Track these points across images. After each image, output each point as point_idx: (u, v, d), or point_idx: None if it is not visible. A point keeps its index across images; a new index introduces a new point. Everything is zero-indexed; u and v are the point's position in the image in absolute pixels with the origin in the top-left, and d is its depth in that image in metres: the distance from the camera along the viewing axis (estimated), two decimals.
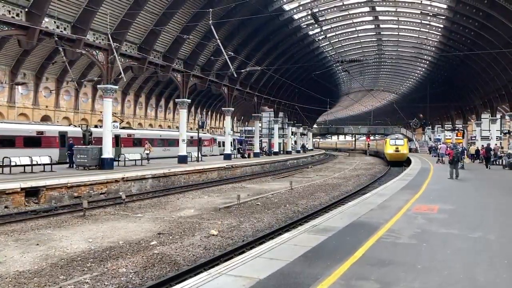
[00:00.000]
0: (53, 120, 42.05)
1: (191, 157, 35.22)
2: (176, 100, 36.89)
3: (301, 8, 38.78)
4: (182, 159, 32.52)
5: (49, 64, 39.15)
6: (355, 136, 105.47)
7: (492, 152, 34.92)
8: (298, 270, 5.95)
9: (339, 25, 46.43)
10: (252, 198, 20.00)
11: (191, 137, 43.18)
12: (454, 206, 11.93)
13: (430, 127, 76.21)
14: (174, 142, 39.19)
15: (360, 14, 43.74)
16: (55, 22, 23.24)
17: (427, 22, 42.05)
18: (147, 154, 31.14)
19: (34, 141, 27.77)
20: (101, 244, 11.47)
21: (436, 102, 59.92)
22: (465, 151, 26.02)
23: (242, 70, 33.11)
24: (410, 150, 56.95)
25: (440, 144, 49.94)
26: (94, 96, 48.13)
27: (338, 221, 9.57)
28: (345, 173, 37.15)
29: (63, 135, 29.86)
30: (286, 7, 38.11)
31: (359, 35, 50.83)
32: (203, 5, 29.67)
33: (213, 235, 12.53)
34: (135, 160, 29.41)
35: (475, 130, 53.62)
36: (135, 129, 41.61)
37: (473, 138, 54.60)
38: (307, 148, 76.31)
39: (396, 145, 44.28)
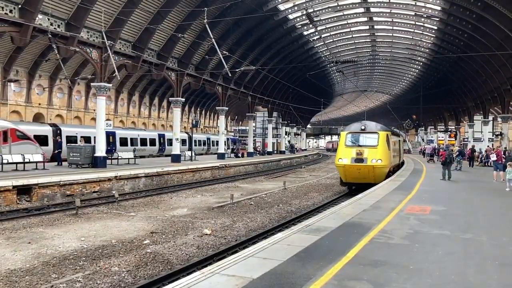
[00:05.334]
0: (46, 118, 41.76)
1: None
2: (170, 99, 36.81)
3: (296, 8, 38.81)
4: (176, 158, 32.49)
5: (42, 61, 38.88)
6: None
7: (484, 154, 35.40)
8: (291, 270, 5.96)
9: (333, 26, 46.52)
10: (246, 198, 20.01)
11: None
12: (446, 207, 12.00)
13: (423, 128, 76.62)
14: None
15: (355, 15, 43.85)
16: (48, 19, 23.09)
17: (421, 24, 42.26)
18: None
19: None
20: (93, 242, 11.43)
21: (429, 104, 60.28)
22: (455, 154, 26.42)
23: (237, 70, 33.07)
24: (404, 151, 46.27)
25: (427, 145, 51.07)
26: (87, 94, 47.83)
27: (331, 221, 9.60)
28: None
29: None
30: (281, 7, 38.14)
31: (354, 36, 50.96)
32: (198, 4, 29.62)
33: (206, 234, 12.54)
34: (128, 158, 29.35)
35: (467, 132, 53.97)
36: None
37: (465, 140, 54.95)
38: (296, 148, 72.00)
39: (358, 146, 20.86)
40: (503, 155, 22.38)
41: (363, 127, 21.40)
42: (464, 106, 54.22)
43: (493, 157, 21.52)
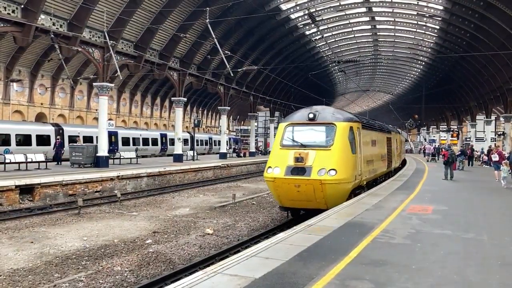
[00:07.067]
0: (48, 118, 41.84)
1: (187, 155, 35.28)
2: (172, 98, 36.87)
3: (298, 8, 38.79)
4: (178, 158, 32.53)
5: (45, 61, 38.95)
6: None
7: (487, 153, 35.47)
8: (293, 269, 5.97)
9: (335, 25, 46.48)
10: (248, 197, 20.04)
11: None
12: (448, 207, 11.99)
13: (425, 128, 76.51)
14: None
15: (357, 15, 43.82)
16: (51, 19, 23.17)
17: (423, 23, 42.20)
18: None
19: None
20: (96, 242, 11.46)
21: (432, 103, 60.19)
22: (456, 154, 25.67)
23: (239, 70, 33.09)
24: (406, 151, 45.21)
25: (427, 144, 51.43)
26: (89, 94, 47.92)
27: (333, 221, 9.60)
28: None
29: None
30: (283, 7, 38.12)
31: (356, 35, 50.91)
32: (200, 3, 29.66)
33: (208, 234, 12.56)
34: (131, 158, 29.41)
35: (469, 132, 53.91)
36: None
37: (467, 139, 54.93)
38: None
39: (301, 147, 12.97)
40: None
41: (311, 116, 13.45)
42: (466, 106, 54.13)
43: (495, 158, 21.41)
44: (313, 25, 41.06)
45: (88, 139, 32.71)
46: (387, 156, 21.27)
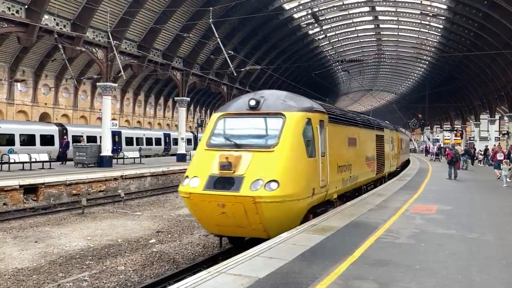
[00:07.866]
0: (52, 118, 41.98)
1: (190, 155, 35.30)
2: (175, 98, 36.97)
3: (301, 7, 38.81)
4: (181, 158, 32.57)
5: (49, 61, 39.08)
6: None
7: (491, 153, 35.48)
8: (297, 269, 5.96)
9: (339, 25, 46.47)
10: None
11: None
12: (452, 206, 11.95)
13: (428, 127, 76.32)
14: None
15: (360, 14, 43.80)
16: (55, 19, 23.26)
17: (427, 23, 42.13)
18: None
19: None
20: (99, 242, 11.49)
21: (435, 102, 60.00)
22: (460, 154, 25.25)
23: (242, 69, 33.12)
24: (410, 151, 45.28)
25: (429, 144, 51.70)
26: (93, 94, 48.02)
27: (337, 221, 9.57)
28: None
29: None
30: (286, 6, 38.15)
31: (359, 35, 50.89)
32: (203, 3, 29.70)
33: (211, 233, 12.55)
34: (134, 158, 29.48)
35: (473, 131, 53.72)
36: None
37: (471, 139, 54.73)
38: None
39: (234, 147, 8.94)
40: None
41: (253, 103, 9.45)
42: (470, 105, 53.98)
43: (501, 157, 21.42)
44: (316, 25, 41.05)
45: (91, 139, 32.82)
46: (377, 158, 16.98)
